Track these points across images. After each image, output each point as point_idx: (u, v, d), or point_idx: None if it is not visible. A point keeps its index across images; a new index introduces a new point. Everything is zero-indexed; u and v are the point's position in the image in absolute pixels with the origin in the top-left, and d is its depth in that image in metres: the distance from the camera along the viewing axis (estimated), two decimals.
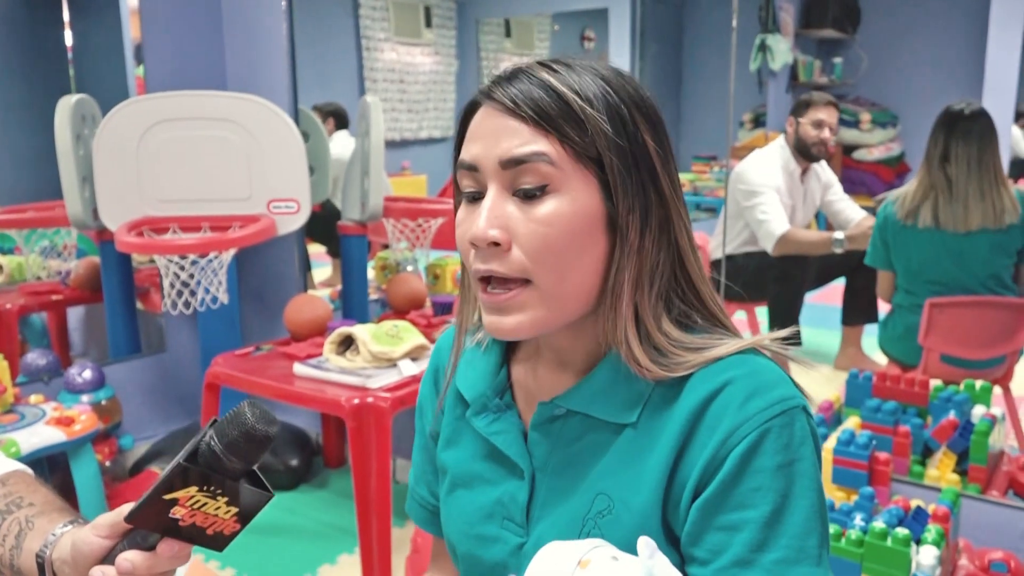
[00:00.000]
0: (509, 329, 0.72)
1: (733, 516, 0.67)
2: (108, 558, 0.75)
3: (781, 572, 0.66)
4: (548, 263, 0.68)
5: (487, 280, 0.72)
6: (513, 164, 0.69)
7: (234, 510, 0.71)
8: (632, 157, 0.69)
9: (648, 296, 0.71)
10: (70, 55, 2.96)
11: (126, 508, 0.73)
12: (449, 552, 0.89)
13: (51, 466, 2.36)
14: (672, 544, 0.72)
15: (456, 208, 0.76)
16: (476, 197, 0.72)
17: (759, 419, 0.68)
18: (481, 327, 0.83)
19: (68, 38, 2.95)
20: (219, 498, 0.70)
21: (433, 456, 0.91)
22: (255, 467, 0.71)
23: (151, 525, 0.72)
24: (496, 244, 0.69)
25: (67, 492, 2.23)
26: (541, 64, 0.71)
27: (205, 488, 0.69)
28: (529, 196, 0.69)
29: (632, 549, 0.66)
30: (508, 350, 0.85)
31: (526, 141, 0.68)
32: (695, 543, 0.69)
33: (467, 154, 0.71)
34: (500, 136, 0.69)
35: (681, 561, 0.72)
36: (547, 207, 0.68)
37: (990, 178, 2.33)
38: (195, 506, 0.69)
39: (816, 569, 0.67)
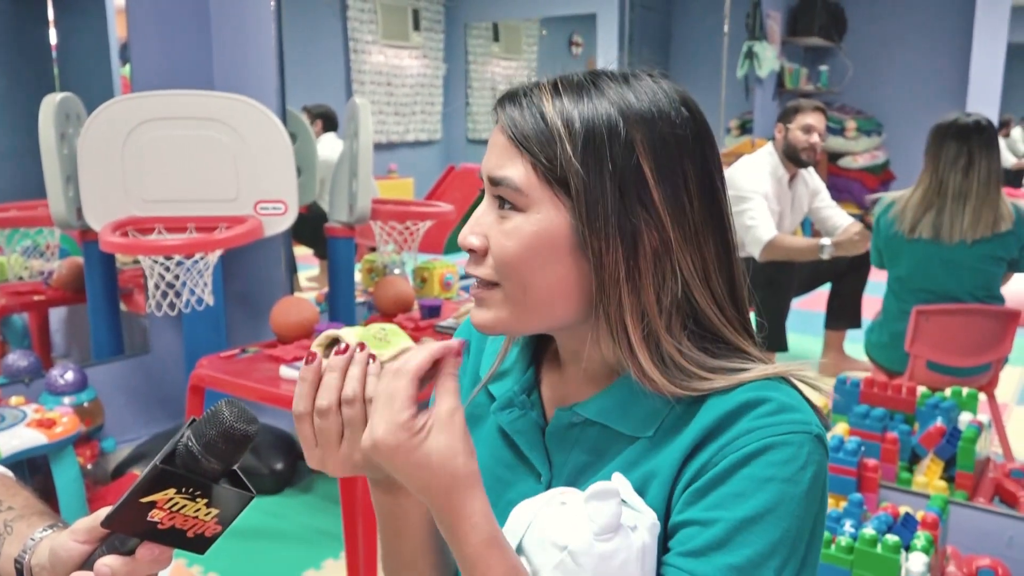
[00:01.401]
0: (479, 322, 0.75)
1: (708, 513, 0.67)
2: (87, 563, 0.74)
3: None
4: (508, 273, 0.72)
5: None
6: (492, 183, 0.73)
7: (214, 512, 0.70)
8: (614, 182, 0.69)
9: (660, 319, 0.71)
10: (54, 54, 2.93)
11: (104, 512, 0.71)
12: None
13: (32, 469, 2.33)
14: None
15: None
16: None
17: (767, 432, 0.68)
18: None
19: (53, 36, 2.92)
20: (198, 500, 0.68)
21: None
22: (235, 467, 0.70)
23: (129, 529, 0.70)
24: (473, 251, 0.75)
25: (48, 495, 2.20)
26: (555, 81, 0.73)
27: (184, 490, 0.68)
28: (501, 209, 0.73)
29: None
30: (538, 350, 0.85)
31: (502, 163, 0.72)
32: (671, 536, 0.70)
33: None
34: (491, 152, 0.74)
35: None
36: (511, 223, 0.72)
37: (1000, 187, 2.34)
38: (174, 508, 0.68)
39: None
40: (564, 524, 0.61)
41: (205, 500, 0.69)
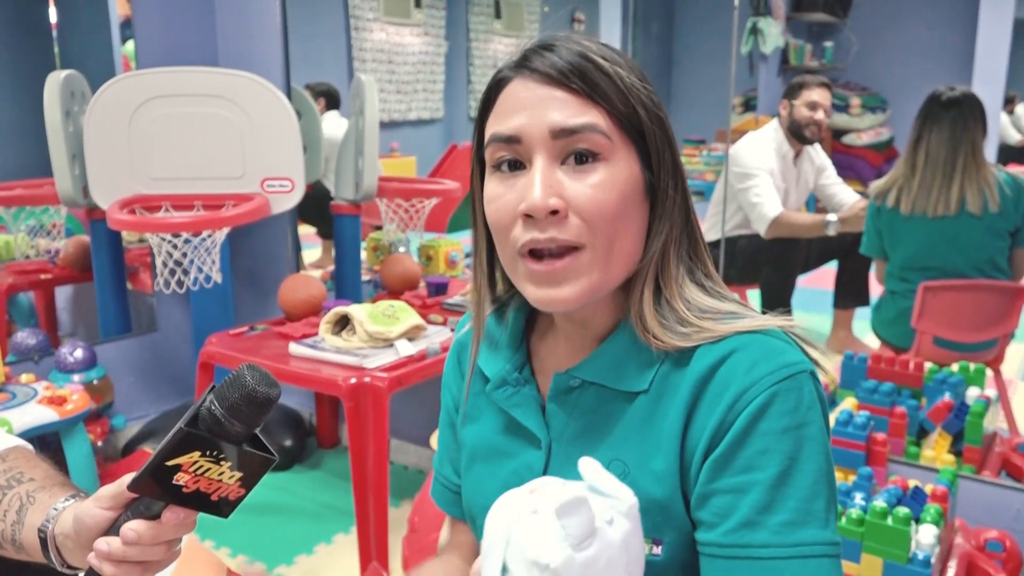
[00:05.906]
0: (563, 299, 0.71)
1: (740, 479, 0.68)
2: (112, 529, 0.75)
3: (788, 534, 0.66)
4: (602, 229, 0.70)
5: (535, 253, 0.71)
6: (566, 134, 0.69)
7: (238, 475, 0.71)
8: (662, 127, 0.73)
9: (672, 260, 0.74)
10: (55, 32, 2.91)
11: (128, 478, 0.72)
12: (470, 526, 0.89)
13: (42, 446, 2.34)
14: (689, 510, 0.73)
15: (477, 186, 0.76)
16: (514, 166, 0.72)
17: (766, 382, 0.68)
18: (504, 303, 0.84)
19: (53, 15, 2.90)
20: (222, 463, 0.69)
21: (458, 434, 0.91)
22: (257, 430, 0.71)
23: (154, 493, 0.71)
24: (555, 212, 0.69)
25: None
26: (567, 38, 0.73)
27: (208, 453, 0.69)
28: (581, 164, 0.70)
29: (649, 512, 0.67)
30: (527, 325, 0.85)
31: (577, 112, 0.69)
32: (702, 506, 0.70)
33: (506, 127, 0.71)
34: (548, 106, 0.70)
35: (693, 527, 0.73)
36: (601, 175, 0.70)
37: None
38: (198, 472, 0.69)
39: (823, 531, 0.67)
40: (540, 540, 0.58)
41: (229, 463, 0.70)
